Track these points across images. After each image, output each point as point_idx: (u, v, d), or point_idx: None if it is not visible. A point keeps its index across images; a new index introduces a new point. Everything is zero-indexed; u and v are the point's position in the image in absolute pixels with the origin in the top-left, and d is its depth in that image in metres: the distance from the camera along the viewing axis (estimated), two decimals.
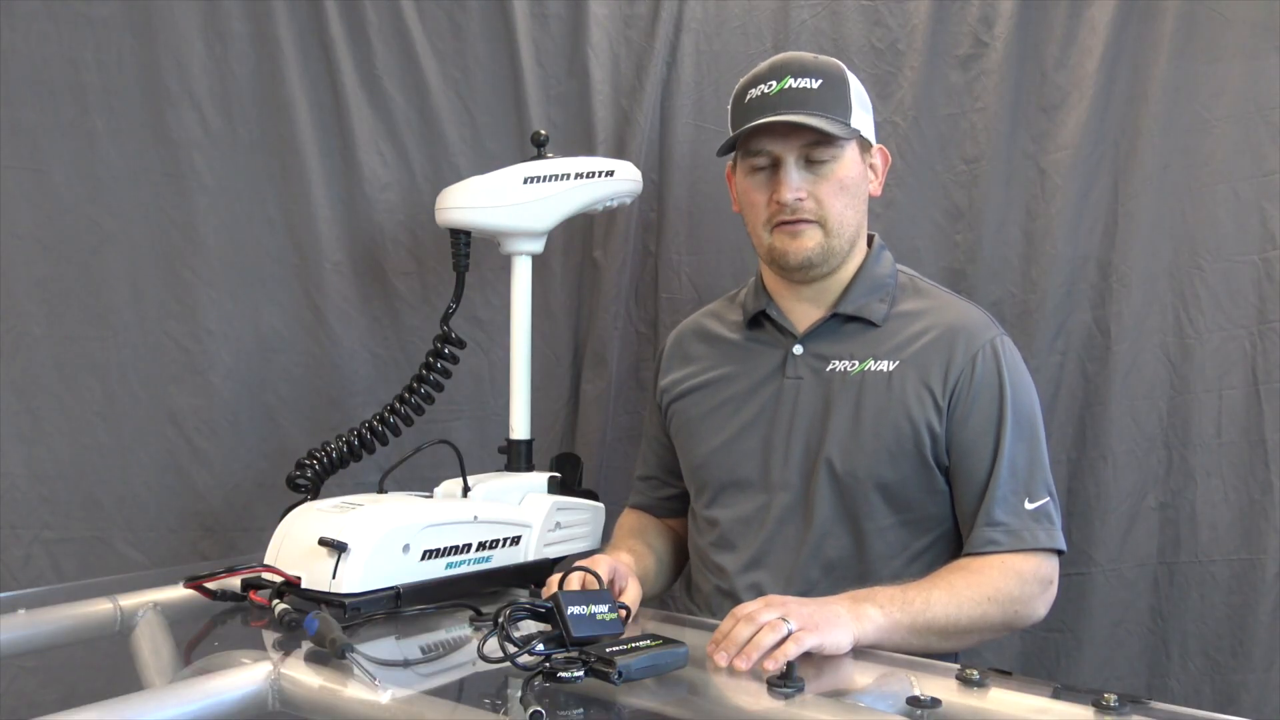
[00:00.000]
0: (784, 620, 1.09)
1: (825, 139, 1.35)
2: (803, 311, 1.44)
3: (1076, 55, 1.66)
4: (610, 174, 1.61)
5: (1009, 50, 1.68)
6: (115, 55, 1.71)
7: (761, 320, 1.46)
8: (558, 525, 1.47)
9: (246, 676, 1.03)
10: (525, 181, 1.54)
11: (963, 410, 1.34)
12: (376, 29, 1.78)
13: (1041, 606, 1.33)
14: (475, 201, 1.53)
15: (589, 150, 1.79)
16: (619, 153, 1.78)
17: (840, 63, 1.42)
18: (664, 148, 1.81)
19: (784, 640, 1.07)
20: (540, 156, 1.58)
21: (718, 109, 1.79)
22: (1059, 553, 1.34)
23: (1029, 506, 1.32)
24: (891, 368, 1.36)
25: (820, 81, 1.37)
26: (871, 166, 1.44)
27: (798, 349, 1.42)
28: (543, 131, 1.60)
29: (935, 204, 1.73)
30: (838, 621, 1.14)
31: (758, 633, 1.08)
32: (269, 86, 1.77)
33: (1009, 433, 1.33)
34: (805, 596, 1.22)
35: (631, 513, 1.61)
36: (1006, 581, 1.29)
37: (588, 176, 1.58)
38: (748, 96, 1.39)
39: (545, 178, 1.55)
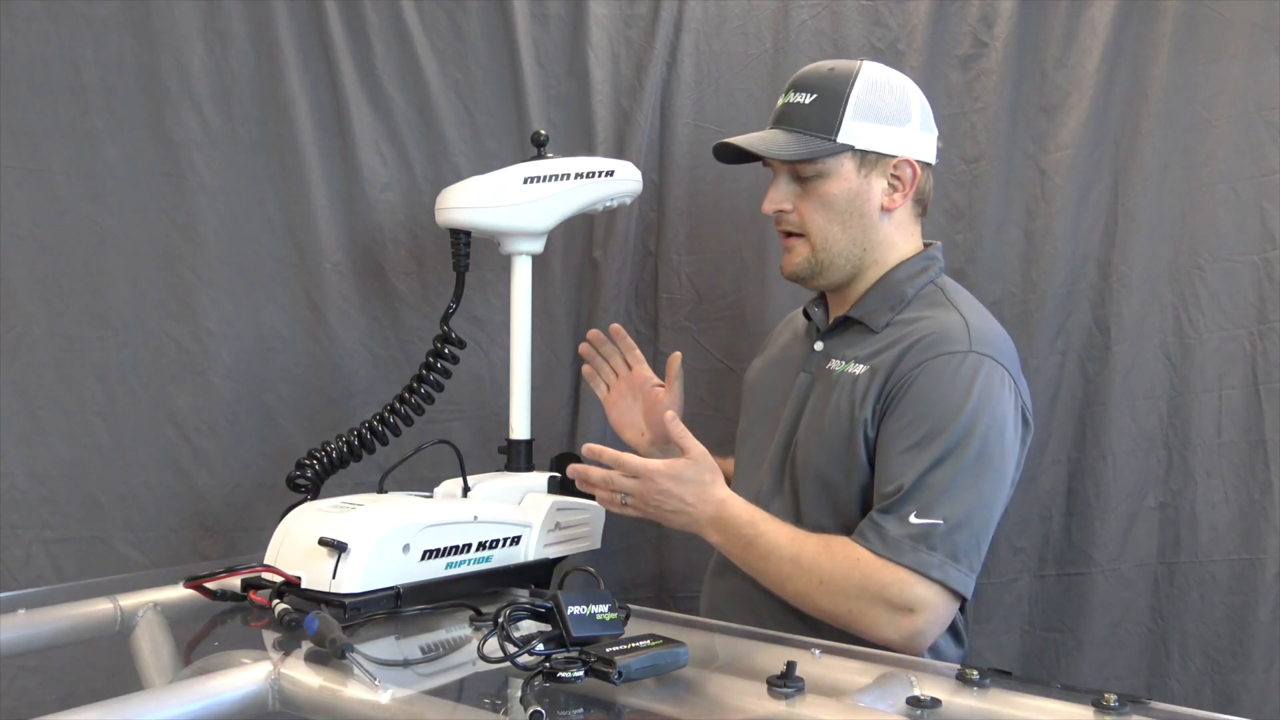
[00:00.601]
0: (623, 498, 1.30)
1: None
2: (833, 311, 1.46)
3: (1076, 55, 1.66)
4: (610, 174, 1.61)
5: (1009, 50, 1.68)
6: (115, 55, 1.71)
7: (808, 314, 1.49)
8: (558, 525, 1.47)
9: (246, 676, 1.03)
10: (525, 181, 1.54)
11: (891, 410, 1.29)
12: (376, 29, 1.78)
13: (889, 629, 1.23)
14: (475, 201, 1.54)
15: (589, 150, 1.79)
16: (619, 153, 1.78)
17: (856, 72, 1.36)
18: (664, 148, 1.81)
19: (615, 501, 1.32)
20: (540, 156, 1.58)
21: (718, 109, 1.79)
22: (953, 593, 1.23)
23: (913, 520, 1.23)
24: (860, 371, 1.34)
25: (813, 97, 1.36)
26: (895, 178, 1.37)
27: (818, 345, 1.44)
28: (543, 131, 1.60)
29: (935, 204, 1.71)
30: (669, 522, 1.31)
31: (604, 481, 1.30)
32: (269, 86, 1.77)
33: (932, 446, 1.25)
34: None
35: None
36: (850, 575, 1.24)
37: (588, 176, 1.58)
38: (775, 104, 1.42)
39: (545, 178, 1.55)
